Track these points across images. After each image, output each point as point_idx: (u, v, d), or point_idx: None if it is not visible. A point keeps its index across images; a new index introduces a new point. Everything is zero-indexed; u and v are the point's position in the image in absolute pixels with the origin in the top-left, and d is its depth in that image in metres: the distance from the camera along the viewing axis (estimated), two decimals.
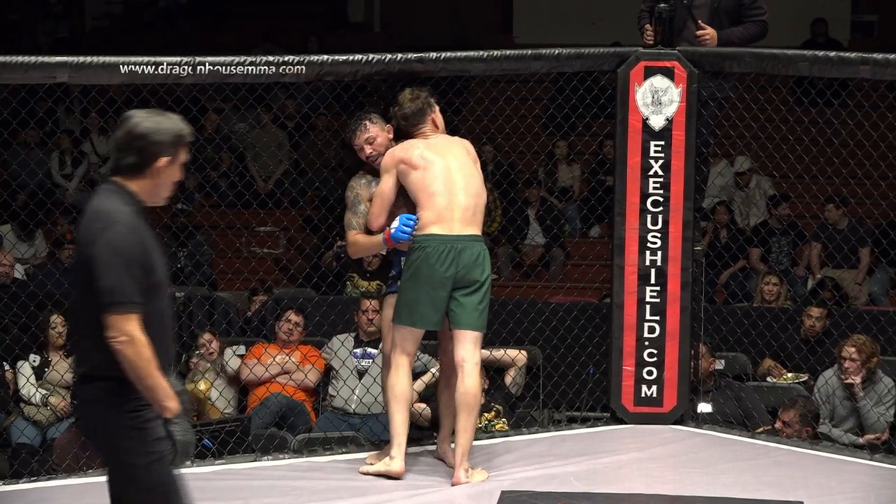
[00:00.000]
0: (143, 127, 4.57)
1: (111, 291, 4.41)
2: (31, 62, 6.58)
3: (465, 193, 6.57)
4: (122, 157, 4.57)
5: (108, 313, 4.41)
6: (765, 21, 7.85)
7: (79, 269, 4.53)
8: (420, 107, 6.69)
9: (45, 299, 9.50)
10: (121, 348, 4.42)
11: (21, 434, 8.89)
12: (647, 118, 7.36)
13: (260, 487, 6.52)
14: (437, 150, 6.60)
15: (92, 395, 4.54)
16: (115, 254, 4.42)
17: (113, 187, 4.58)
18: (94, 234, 4.46)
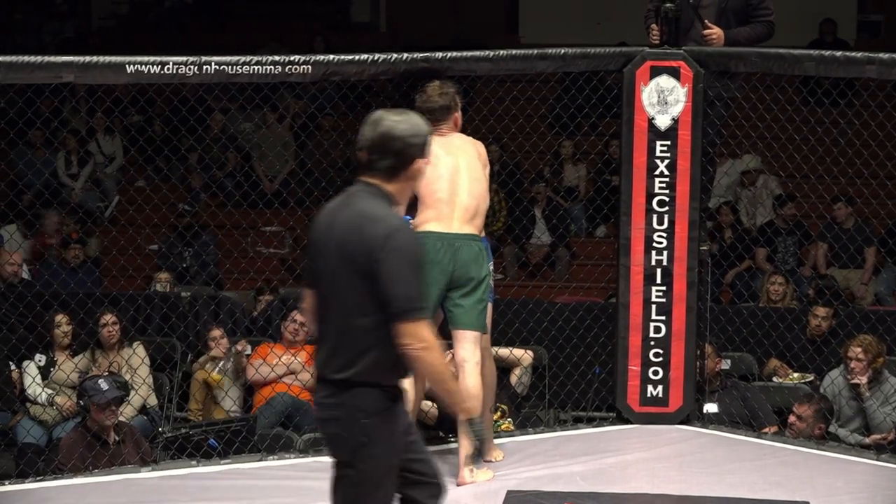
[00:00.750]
0: (401, 129, 4.53)
1: (406, 299, 4.37)
2: (37, 62, 6.59)
3: (469, 194, 6.57)
4: (378, 158, 4.52)
5: (404, 321, 4.37)
6: (771, 21, 7.84)
7: (345, 273, 4.45)
8: (447, 104, 6.68)
9: (51, 299, 9.51)
10: (420, 355, 4.39)
11: (27, 433, 8.89)
12: (653, 118, 7.35)
13: (266, 487, 6.53)
14: (447, 148, 6.60)
15: (349, 401, 4.48)
16: (404, 261, 4.39)
17: (370, 189, 4.53)
18: (374, 239, 4.39)
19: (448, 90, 6.69)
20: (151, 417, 9.13)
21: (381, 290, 4.36)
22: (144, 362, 9.19)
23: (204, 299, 10.49)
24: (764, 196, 13.18)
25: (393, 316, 4.37)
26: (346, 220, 4.48)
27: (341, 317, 4.47)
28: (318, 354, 4.57)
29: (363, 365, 4.43)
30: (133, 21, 19.44)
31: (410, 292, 4.37)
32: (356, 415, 4.46)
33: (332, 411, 4.51)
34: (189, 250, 12.77)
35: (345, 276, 4.44)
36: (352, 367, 4.45)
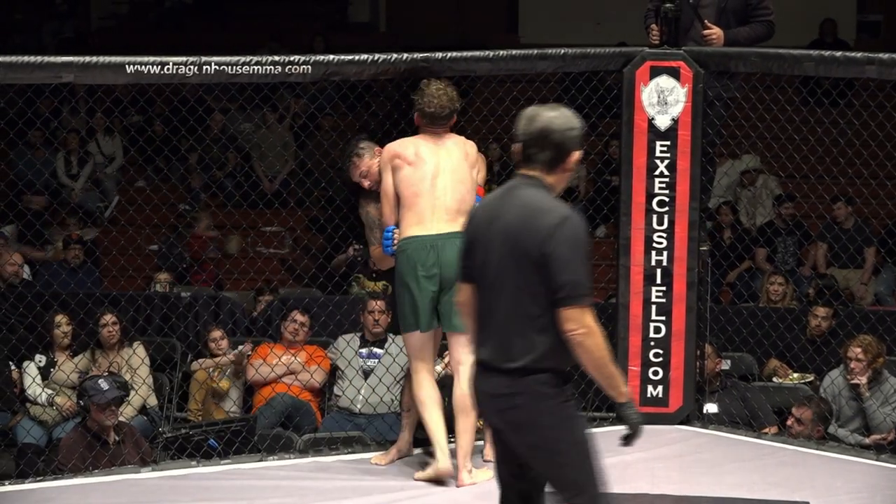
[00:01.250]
0: (559, 123, 4.66)
1: (574, 285, 4.47)
2: (36, 62, 6.59)
3: (451, 196, 6.57)
4: (538, 151, 4.64)
5: (569, 307, 4.48)
6: (771, 21, 7.84)
7: (515, 263, 4.55)
8: (449, 112, 6.69)
9: (51, 299, 9.51)
10: (582, 340, 4.50)
11: (27, 434, 8.89)
12: (653, 118, 7.35)
13: (265, 487, 6.53)
14: (433, 150, 6.62)
15: (529, 387, 4.57)
16: (574, 248, 4.50)
17: (532, 181, 4.65)
18: (545, 228, 4.50)
19: (452, 95, 6.70)
20: (151, 418, 9.13)
21: (550, 277, 4.48)
22: (144, 362, 9.19)
23: (204, 299, 10.50)
24: (764, 196, 13.18)
25: (559, 301, 4.48)
26: (514, 212, 4.58)
27: (512, 307, 4.57)
28: (482, 346, 4.67)
29: (539, 352, 4.54)
30: (133, 21, 19.44)
31: (578, 278, 4.48)
32: (539, 399, 4.58)
33: (512, 399, 4.60)
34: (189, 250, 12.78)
35: (514, 266, 4.55)
36: (528, 355, 4.55)
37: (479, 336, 4.69)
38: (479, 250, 4.66)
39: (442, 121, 6.67)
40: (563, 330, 4.49)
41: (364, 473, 6.72)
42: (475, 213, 4.80)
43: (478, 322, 4.70)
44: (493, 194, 4.79)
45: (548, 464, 4.67)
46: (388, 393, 8.71)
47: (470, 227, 4.74)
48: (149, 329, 10.05)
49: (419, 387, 6.57)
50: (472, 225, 4.74)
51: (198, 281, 12.19)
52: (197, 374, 9.37)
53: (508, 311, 4.58)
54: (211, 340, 9.44)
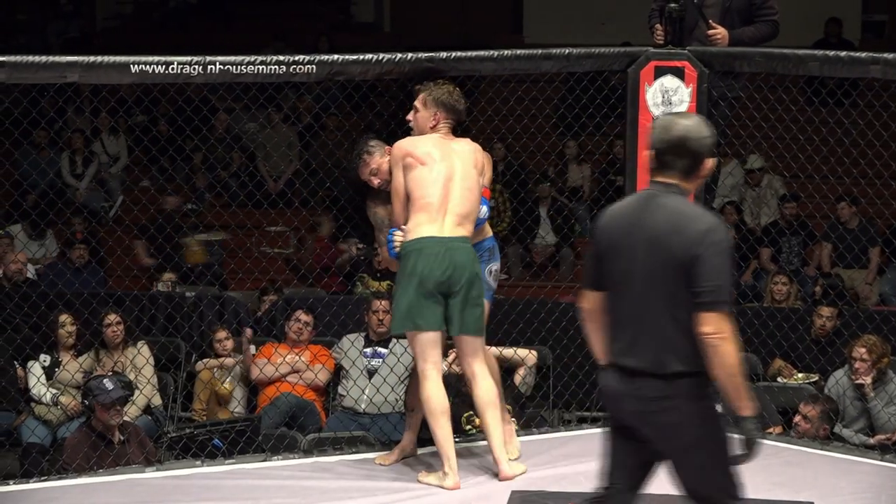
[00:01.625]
0: (695, 131, 4.74)
1: (718, 291, 4.56)
2: (41, 62, 6.59)
3: (460, 201, 6.56)
4: (676, 159, 4.73)
5: (711, 311, 4.56)
6: (776, 21, 7.83)
7: (662, 269, 4.64)
8: (462, 108, 6.70)
9: (55, 299, 9.52)
10: (718, 344, 4.56)
11: (31, 433, 8.90)
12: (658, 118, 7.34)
13: (270, 487, 6.53)
14: (444, 152, 6.60)
15: (683, 390, 4.67)
16: (721, 254, 4.59)
17: (672, 188, 4.74)
18: (695, 235, 4.59)
19: (461, 95, 6.72)
20: (156, 417, 9.14)
21: (695, 281, 4.58)
22: (149, 362, 9.20)
23: (208, 299, 10.50)
24: (769, 196, 13.18)
25: (700, 305, 4.58)
26: (661, 219, 4.67)
27: (662, 313, 4.66)
28: (624, 351, 4.74)
29: (692, 356, 4.63)
30: (137, 21, 19.46)
31: (722, 284, 4.58)
32: (693, 402, 4.68)
33: (663, 402, 4.68)
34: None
35: (663, 273, 4.64)
36: (682, 359, 4.64)
37: (618, 342, 4.76)
38: (618, 258, 4.74)
39: (459, 116, 6.69)
40: (701, 332, 4.58)
41: (368, 473, 6.72)
42: (608, 221, 4.84)
43: (614, 328, 4.78)
44: (626, 203, 4.86)
45: (698, 466, 4.80)
46: (392, 393, 8.71)
47: (604, 236, 4.81)
48: (153, 329, 10.05)
49: (428, 395, 6.51)
50: (606, 233, 4.81)
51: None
52: (201, 375, 9.38)
53: (658, 316, 4.67)
54: (216, 341, 9.45)
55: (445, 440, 6.49)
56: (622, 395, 4.75)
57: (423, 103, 6.72)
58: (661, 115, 4.84)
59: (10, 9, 18.97)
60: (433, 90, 6.68)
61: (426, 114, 6.71)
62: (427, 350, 6.54)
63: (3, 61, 6.53)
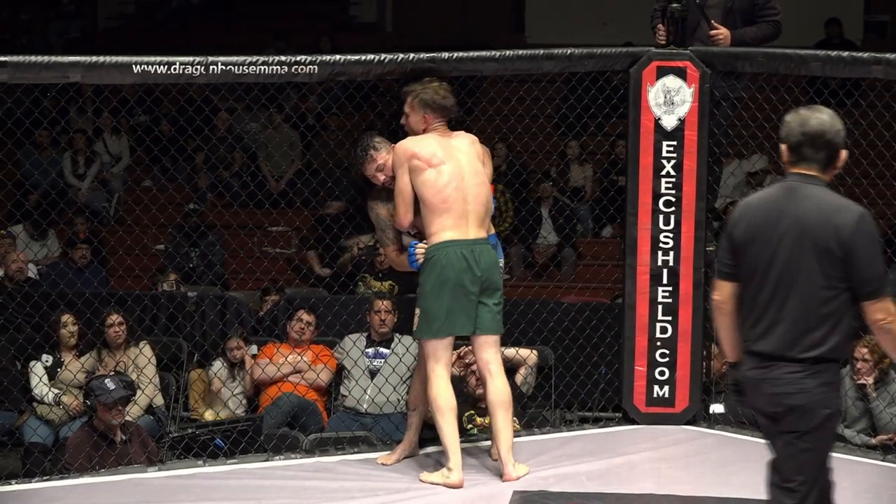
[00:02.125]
0: (830, 124, 4.93)
1: (879, 278, 4.82)
2: (43, 62, 6.59)
3: (476, 199, 6.56)
4: (814, 152, 4.91)
5: (878, 299, 4.80)
6: (778, 21, 7.84)
7: (810, 259, 4.81)
8: (452, 104, 6.69)
9: (57, 299, 9.52)
10: (891, 327, 4.80)
11: (33, 433, 8.90)
12: (660, 118, 7.35)
13: (272, 487, 6.53)
14: (448, 151, 6.59)
15: (820, 375, 4.85)
16: (873, 243, 4.85)
17: (813, 180, 4.93)
18: (846, 226, 4.81)
19: (450, 92, 6.71)
20: (158, 417, 9.14)
21: (855, 272, 4.79)
22: (151, 362, 9.20)
23: (210, 299, 10.50)
24: None
25: (868, 294, 4.80)
26: (807, 209, 4.85)
27: (806, 300, 4.82)
28: (761, 337, 4.89)
29: (832, 343, 4.82)
30: (139, 21, 19.47)
31: (880, 271, 4.82)
32: (824, 388, 4.86)
33: (799, 385, 4.84)
34: (195, 250, 12.78)
35: (810, 262, 4.81)
36: (823, 345, 4.82)
37: (755, 328, 4.91)
38: (760, 246, 4.89)
39: (450, 112, 6.67)
40: (873, 321, 4.80)
41: (370, 473, 6.72)
42: (746, 212, 4.98)
43: (750, 315, 4.93)
44: (767, 193, 5.01)
45: (811, 446, 4.94)
46: (394, 393, 8.72)
47: (742, 225, 4.95)
48: (155, 329, 10.06)
49: (437, 392, 6.51)
50: (744, 223, 4.95)
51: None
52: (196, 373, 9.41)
53: (801, 304, 4.83)
54: (228, 349, 9.43)
55: (450, 437, 6.50)
56: (759, 381, 4.91)
57: (411, 107, 6.72)
58: (794, 111, 5.01)
59: (14, 9, 18.97)
60: (419, 92, 6.67)
61: (416, 117, 6.71)
62: (440, 352, 6.57)
63: (5, 61, 6.54)
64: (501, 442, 6.54)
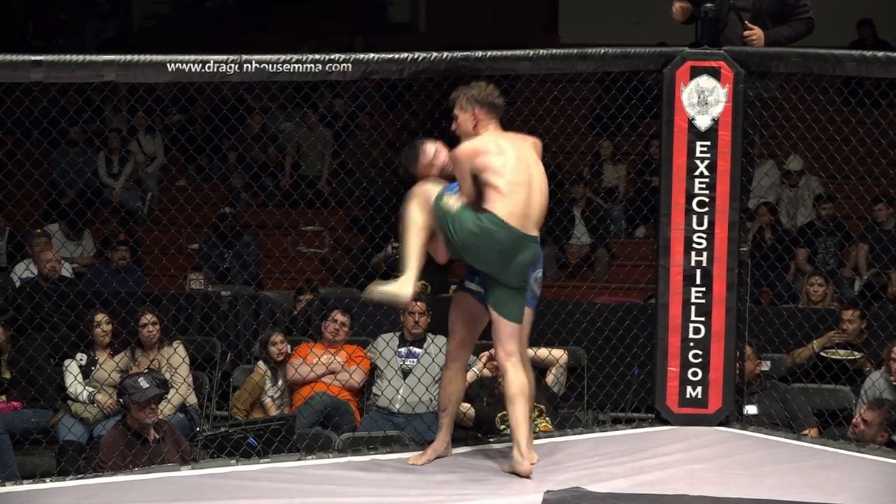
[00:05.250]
0: None
1: None
2: (78, 61, 6.61)
3: (539, 205, 6.54)
4: None
5: None
6: (811, 18, 7.80)
7: None
8: (501, 103, 6.65)
9: (92, 298, 9.57)
10: None
11: (68, 431, 8.95)
12: (693, 118, 7.33)
13: (304, 486, 6.54)
14: (510, 140, 6.56)
15: None
16: None
17: None
18: None
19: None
20: (191, 416, 9.17)
21: None
22: (185, 361, 9.24)
23: (244, 299, 10.53)
24: (805, 196, 13.14)
25: None
26: None
27: None
28: None
29: None
30: (174, 21, 19.54)
31: None
32: None
33: None
34: (230, 251, 12.82)
35: None
36: None
37: None
38: None
39: (495, 111, 6.61)
40: None
41: (402, 473, 6.72)
42: None
43: None
44: None
45: None
46: (426, 393, 8.72)
47: None
48: (189, 328, 10.09)
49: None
50: None
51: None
52: (254, 376, 9.41)
53: None
54: (272, 344, 9.44)
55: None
56: None
57: (461, 107, 6.66)
58: None
59: (52, 8, 19.08)
60: (467, 91, 6.65)
61: (465, 116, 6.64)
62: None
63: (40, 60, 6.56)
64: (520, 433, 6.53)
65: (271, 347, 9.41)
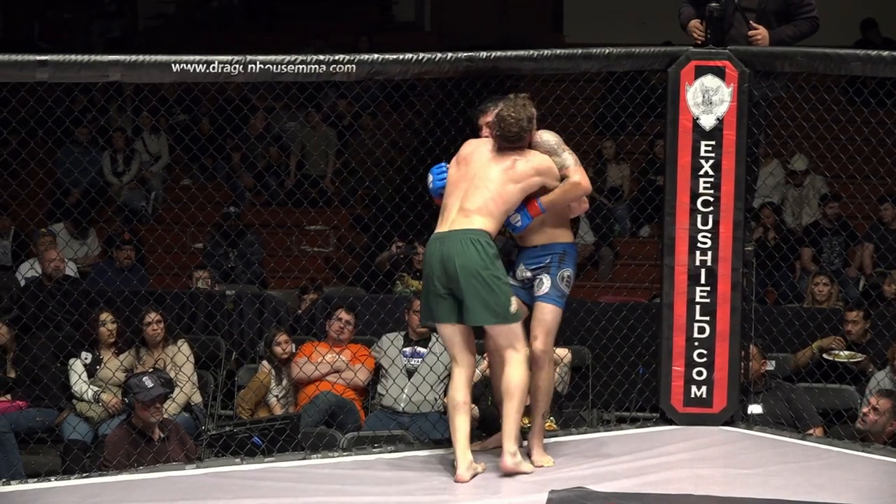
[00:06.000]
0: None
1: None
2: (83, 61, 6.62)
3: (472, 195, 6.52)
4: None
5: None
6: (815, 17, 7.80)
7: None
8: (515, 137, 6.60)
9: (97, 297, 9.57)
10: None
11: (73, 430, 8.95)
12: (698, 118, 7.33)
13: (309, 485, 6.54)
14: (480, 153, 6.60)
15: None
16: None
17: None
18: None
19: (527, 118, 6.60)
20: (195, 415, 9.18)
21: None
22: (189, 360, 9.24)
23: (248, 298, 10.53)
24: (811, 196, 13.13)
25: None
26: None
27: None
28: None
29: None
30: (180, 21, 19.54)
31: None
32: None
33: None
34: (234, 250, 12.83)
35: None
36: None
37: None
38: None
39: (507, 142, 6.62)
40: None
41: (407, 472, 6.72)
42: None
43: None
44: None
45: None
46: (431, 392, 8.72)
47: None
48: (193, 327, 10.10)
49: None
50: None
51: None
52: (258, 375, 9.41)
53: None
54: (277, 344, 9.44)
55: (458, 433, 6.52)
56: None
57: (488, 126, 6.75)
58: None
59: (59, 7, 19.10)
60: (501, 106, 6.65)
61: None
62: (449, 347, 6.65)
63: (45, 60, 6.57)
64: (504, 429, 6.57)
65: (276, 347, 9.40)
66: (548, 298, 6.70)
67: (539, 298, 6.72)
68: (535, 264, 6.72)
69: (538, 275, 6.72)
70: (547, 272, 6.71)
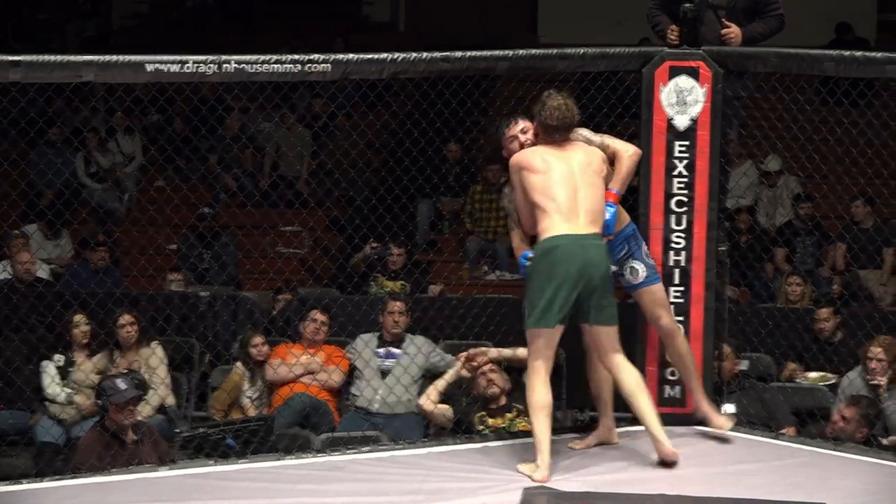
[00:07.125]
0: None
1: None
2: (56, 61, 6.60)
3: (588, 198, 6.59)
4: None
5: None
6: (782, 14, 7.80)
7: None
8: (568, 124, 6.71)
9: (70, 299, 9.54)
10: None
11: (46, 433, 8.92)
12: (672, 118, 7.34)
13: (283, 486, 6.53)
14: (557, 155, 6.65)
15: None
16: None
17: None
18: None
19: (573, 107, 6.74)
20: (169, 417, 9.15)
21: None
22: (163, 362, 9.22)
23: (223, 299, 10.51)
24: (784, 196, 13.16)
25: None
26: None
27: None
28: None
29: None
30: (155, 20, 19.49)
31: None
32: None
33: None
34: (208, 251, 12.79)
35: None
36: None
37: None
38: None
39: (561, 132, 6.68)
40: None
41: (381, 473, 6.71)
42: None
43: None
44: None
45: None
46: (405, 393, 8.72)
47: None
48: (167, 329, 10.08)
49: (534, 389, 6.62)
50: None
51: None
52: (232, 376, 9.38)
53: None
54: (252, 346, 9.41)
55: (542, 434, 6.54)
56: None
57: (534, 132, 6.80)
58: None
59: (34, 8, 19.03)
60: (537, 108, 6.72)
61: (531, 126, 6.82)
62: (547, 348, 6.63)
63: (18, 60, 6.55)
64: (649, 422, 6.66)
65: (251, 349, 9.38)
66: (649, 281, 6.97)
67: (643, 284, 6.97)
68: (614, 257, 6.85)
69: (625, 264, 6.93)
70: (632, 257, 6.94)
